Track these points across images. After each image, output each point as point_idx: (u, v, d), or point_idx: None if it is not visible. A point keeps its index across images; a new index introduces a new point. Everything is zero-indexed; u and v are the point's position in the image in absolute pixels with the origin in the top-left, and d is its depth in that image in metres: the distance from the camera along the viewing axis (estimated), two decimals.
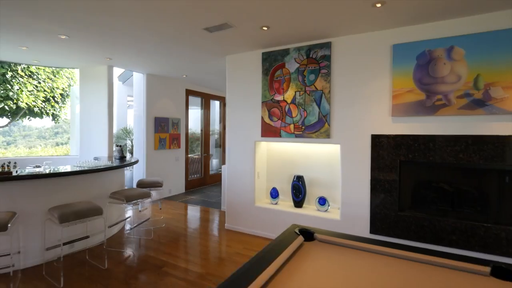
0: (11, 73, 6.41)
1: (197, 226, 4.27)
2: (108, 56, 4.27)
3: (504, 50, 2.52)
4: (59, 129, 17.70)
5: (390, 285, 1.25)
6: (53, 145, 16.18)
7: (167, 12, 2.67)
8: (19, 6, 2.58)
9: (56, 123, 9.29)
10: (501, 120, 2.57)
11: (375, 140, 3.09)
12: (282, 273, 1.35)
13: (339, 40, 3.30)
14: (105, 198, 3.43)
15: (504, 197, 2.66)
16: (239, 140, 4.06)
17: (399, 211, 2.99)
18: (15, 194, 2.73)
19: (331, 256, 1.58)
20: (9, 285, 2.51)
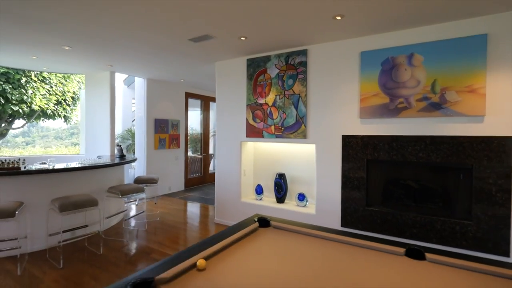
0: (25, 79, 6.97)
1: (188, 220, 4.60)
2: (109, 63, 4.67)
3: (458, 57, 2.72)
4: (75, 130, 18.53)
5: (319, 261, 1.54)
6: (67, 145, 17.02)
7: (156, 25, 3.00)
8: (27, 23, 2.97)
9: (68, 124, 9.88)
10: (455, 122, 2.77)
11: (345, 140, 3.33)
12: (229, 249, 1.66)
13: (314, 48, 3.56)
14: (103, 192, 3.81)
15: (459, 193, 2.85)
16: (227, 140, 4.38)
17: (367, 206, 3.22)
18: (23, 186, 3.14)
19: (277, 238, 1.88)
20: (17, 265, 2.90)
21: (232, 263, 1.52)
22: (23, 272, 2.80)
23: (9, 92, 6.69)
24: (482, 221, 2.66)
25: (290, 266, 1.47)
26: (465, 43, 2.69)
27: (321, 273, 1.42)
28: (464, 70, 2.69)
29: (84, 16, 2.76)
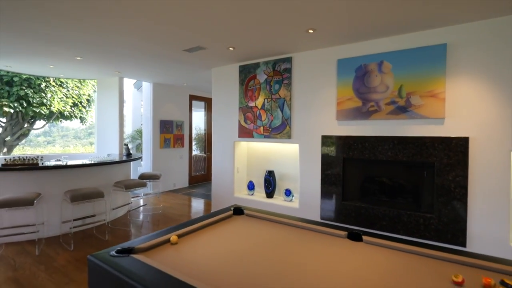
0: (45, 84, 7.62)
1: (187, 213, 5.02)
2: (117, 70, 5.16)
3: (421, 64, 2.98)
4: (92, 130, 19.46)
5: (276, 241, 1.91)
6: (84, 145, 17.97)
7: (154, 37, 3.39)
8: (46, 39, 3.46)
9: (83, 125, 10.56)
10: (419, 124, 3.03)
11: (324, 140, 3.64)
12: (202, 230, 2.05)
13: (298, 55, 3.88)
14: (110, 186, 4.28)
15: (424, 188, 3.11)
16: (221, 140, 4.76)
17: (343, 201, 3.52)
18: (40, 179, 3.64)
19: (245, 223, 2.26)
20: (35, 247, 3.39)
21: (200, 240, 1.90)
22: (40, 253, 3.28)
23: (31, 96, 7.36)
24: (442, 215, 2.91)
25: (248, 244, 1.84)
26: (427, 51, 2.94)
27: (275, 249, 1.78)
28: (426, 76, 2.95)
29: (92, 32, 3.21)
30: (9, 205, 3.06)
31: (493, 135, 2.69)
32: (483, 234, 2.75)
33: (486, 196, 2.73)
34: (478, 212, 2.76)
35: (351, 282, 1.37)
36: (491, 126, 2.70)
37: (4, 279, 2.70)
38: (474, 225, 2.79)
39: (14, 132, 8.46)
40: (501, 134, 2.66)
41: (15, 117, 8.07)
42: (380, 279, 1.41)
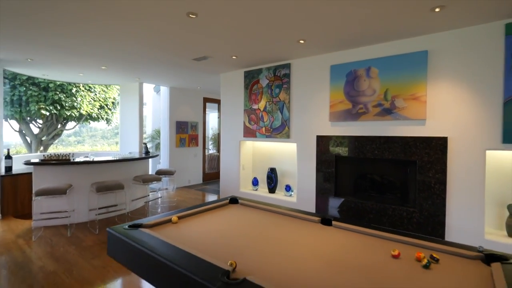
0: (75, 89, 8.45)
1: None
2: (136, 77, 5.74)
3: (404, 69, 3.23)
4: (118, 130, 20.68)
5: (262, 224, 2.30)
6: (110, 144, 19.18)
7: (168, 48, 3.86)
8: (77, 53, 4.05)
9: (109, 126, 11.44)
10: (403, 125, 3.27)
11: (319, 139, 3.95)
12: (200, 214, 2.47)
13: (296, 62, 4.22)
14: (130, 180, 4.84)
15: (408, 184, 3.34)
16: (229, 139, 5.19)
17: (335, 196, 3.81)
18: (71, 173, 4.24)
19: (238, 210, 2.66)
20: (67, 230, 3.99)
21: (197, 221, 2.33)
22: (71, 235, 3.86)
23: (64, 100, 8.21)
24: (423, 209, 3.14)
25: (237, 225, 2.24)
26: (410, 58, 3.18)
27: (259, 229, 2.18)
28: (409, 81, 3.19)
29: (114, 46, 3.74)
30: (47, 194, 3.66)
31: (469, 135, 2.90)
32: (460, 227, 2.96)
33: (463, 192, 2.94)
34: (456, 207, 2.97)
35: (319, 253, 1.74)
36: (467, 127, 2.91)
37: (44, 253, 3.28)
38: (452, 219, 3.00)
39: (49, 132, 9.41)
40: (476, 134, 2.86)
41: (50, 119, 9.00)
42: (341, 252, 1.77)
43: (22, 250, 3.36)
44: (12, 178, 4.76)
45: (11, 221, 4.45)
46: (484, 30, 2.82)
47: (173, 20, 2.82)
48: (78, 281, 2.69)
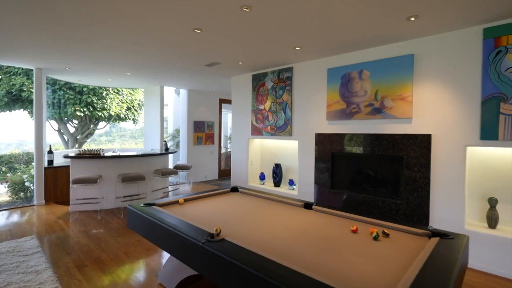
0: (106, 92, 9.34)
1: None
2: (157, 81, 6.37)
3: (392, 72, 3.49)
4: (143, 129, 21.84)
5: (254, 207, 2.74)
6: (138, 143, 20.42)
7: (181, 57, 4.39)
8: (107, 62, 4.70)
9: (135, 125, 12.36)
10: (391, 123, 3.53)
11: (317, 137, 4.28)
12: (203, 199, 2.95)
13: (297, 65, 4.58)
14: (150, 173, 5.44)
15: (396, 178, 3.59)
16: (238, 137, 5.64)
17: (332, 189, 4.13)
18: (101, 165, 4.91)
19: (237, 196, 3.12)
20: (98, 214, 4.64)
21: (201, 203, 2.80)
22: (101, 218, 4.51)
23: (95, 102, 9.12)
24: (410, 201, 3.39)
25: (235, 208, 2.70)
26: (398, 61, 3.44)
27: (254, 210, 2.61)
28: (397, 82, 3.45)
29: (136, 56, 4.33)
30: (81, 182, 4.32)
31: (451, 132, 3.11)
32: (443, 218, 3.18)
33: (445, 185, 3.16)
34: (439, 200, 3.20)
35: (292, 228, 2.16)
36: (449, 125, 3.13)
37: (79, 231, 3.92)
38: (436, 210, 3.23)
39: (83, 131, 10.43)
40: (457, 132, 3.07)
41: (84, 119, 9.99)
42: (310, 227, 2.17)
43: (62, 228, 4.04)
44: (53, 170, 5.54)
45: (53, 206, 5.21)
46: (464, 35, 3.03)
47: (181, 34, 3.31)
48: (105, 252, 3.27)
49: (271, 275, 1.33)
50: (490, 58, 2.84)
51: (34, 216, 4.62)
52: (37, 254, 3.13)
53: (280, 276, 1.32)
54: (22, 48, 3.98)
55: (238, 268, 1.47)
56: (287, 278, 1.31)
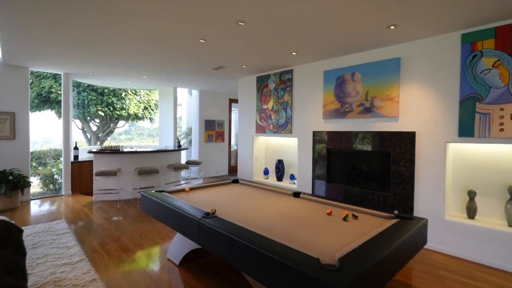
0: (124, 93, 10.02)
1: None
2: (171, 83, 6.88)
3: (381, 74, 3.76)
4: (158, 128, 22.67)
5: (250, 195, 3.15)
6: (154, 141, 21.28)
7: (190, 62, 4.85)
8: (125, 67, 5.24)
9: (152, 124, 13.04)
10: (380, 121, 3.82)
11: (314, 134, 4.61)
12: (207, 187, 3.38)
13: (297, 68, 4.92)
14: (164, 167, 5.96)
15: (384, 173, 3.86)
16: (244, 135, 6.05)
17: (327, 182, 4.45)
18: (120, 160, 5.46)
19: (237, 187, 3.53)
20: (117, 204, 5.20)
21: (204, 191, 3.23)
22: (120, 207, 5.05)
23: (115, 102, 9.81)
24: (396, 194, 3.67)
25: (234, 195, 3.11)
26: (386, 64, 3.72)
27: (250, 198, 3.02)
28: (385, 83, 3.72)
29: (150, 62, 4.83)
30: (103, 174, 4.88)
31: (433, 130, 3.37)
32: (426, 209, 3.44)
33: (428, 179, 3.42)
34: (422, 192, 3.46)
35: (277, 210, 2.54)
36: (431, 123, 3.38)
37: (101, 217, 4.47)
38: (419, 202, 3.49)
39: (104, 130, 11.19)
40: (439, 129, 3.32)
41: (105, 119, 10.74)
42: (292, 210, 2.56)
43: (86, 215, 4.60)
44: (78, 165, 6.17)
45: (78, 196, 5.84)
46: (444, 40, 3.27)
47: (189, 44, 3.75)
48: (124, 234, 3.77)
49: (248, 240, 1.73)
50: (467, 61, 3.08)
51: (62, 204, 5.24)
52: (67, 234, 3.68)
53: (255, 241, 1.71)
54: (53, 56, 4.57)
55: (223, 236, 1.88)
56: (261, 242, 1.69)
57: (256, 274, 1.64)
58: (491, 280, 2.68)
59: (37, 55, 4.50)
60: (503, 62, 2.87)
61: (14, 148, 5.31)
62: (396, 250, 1.73)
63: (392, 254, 1.68)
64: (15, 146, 5.33)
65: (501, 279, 2.70)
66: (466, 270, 2.88)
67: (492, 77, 2.93)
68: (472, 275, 2.78)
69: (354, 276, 1.33)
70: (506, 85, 2.86)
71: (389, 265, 1.66)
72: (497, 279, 2.69)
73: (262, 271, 1.60)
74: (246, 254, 1.70)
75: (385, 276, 1.64)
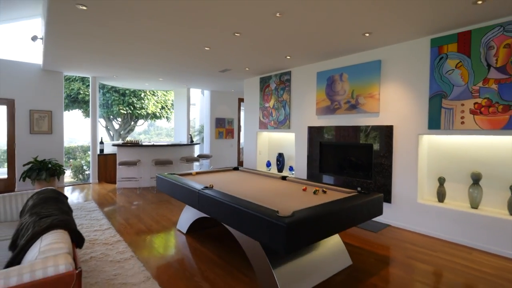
0: (143, 93, 10.91)
1: None
2: (185, 84, 7.60)
3: (364, 74, 4.24)
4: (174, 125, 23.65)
5: (248, 179, 3.78)
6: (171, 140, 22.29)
7: (199, 66, 5.52)
8: (144, 70, 5.98)
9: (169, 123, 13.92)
10: (363, 117, 4.29)
11: (309, 129, 5.13)
12: (211, 172, 4.03)
13: (294, 69, 5.45)
14: (178, 159, 6.67)
15: (368, 163, 4.33)
16: (249, 131, 6.65)
17: (320, 172, 4.96)
18: (140, 152, 6.23)
19: (237, 172, 4.15)
20: (137, 190, 5.95)
21: (207, 175, 3.86)
22: (140, 193, 5.80)
23: (135, 102, 10.71)
24: (377, 181, 4.13)
25: (232, 179, 3.72)
26: (369, 65, 4.19)
27: (246, 180, 3.64)
28: (368, 83, 4.20)
29: (166, 66, 5.53)
30: (125, 164, 5.64)
31: (407, 123, 3.82)
32: (401, 194, 3.89)
33: (403, 167, 3.87)
34: (398, 179, 3.92)
35: (262, 187, 3.13)
36: (406, 117, 3.83)
37: (124, 200, 5.23)
38: (396, 188, 3.95)
39: (125, 128, 12.16)
40: (412, 123, 3.77)
41: (126, 118, 11.69)
42: (274, 187, 3.14)
43: (112, 198, 5.37)
44: (104, 157, 7.01)
45: (103, 184, 6.66)
46: (417, 44, 3.71)
47: (196, 51, 4.39)
48: (143, 212, 4.49)
49: (233, 201, 2.33)
50: (435, 63, 3.52)
51: (90, 190, 6.06)
52: (96, 211, 4.43)
53: (237, 202, 2.31)
54: (84, 63, 5.37)
55: (216, 201, 2.49)
56: (241, 203, 2.29)
57: (239, 226, 2.24)
58: (448, 251, 3.12)
59: (71, 62, 5.32)
60: (464, 63, 3.29)
61: (51, 142, 6.20)
62: (340, 211, 2.26)
63: (334, 212, 2.21)
64: (52, 140, 6.22)
65: (457, 251, 3.14)
66: (430, 244, 3.33)
67: (455, 76, 3.36)
68: (433, 248, 3.23)
69: (295, 220, 1.89)
70: (466, 84, 3.28)
71: (331, 219, 2.19)
72: (453, 251, 3.14)
73: (241, 222, 2.19)
74: (231, 212, 2.30)
75: (329, 227, 2.17)
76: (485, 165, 3.36)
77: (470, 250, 3.18)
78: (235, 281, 2.46)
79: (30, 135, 6.00)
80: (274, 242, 1.91)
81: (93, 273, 2.50)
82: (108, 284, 2.33)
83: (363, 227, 3.88)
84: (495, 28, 3.06)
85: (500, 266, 2.79)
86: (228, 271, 2.64)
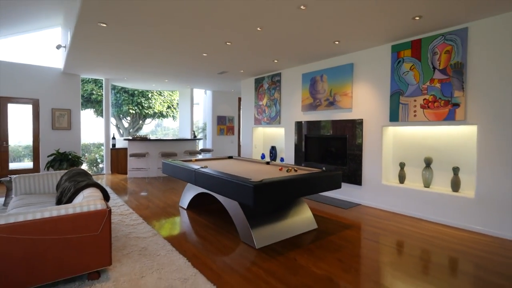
0: (151, 94, 11.73)
1: None
2: (188, 85, 8.37)
3: (340, 76, 4.91)
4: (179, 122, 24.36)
5: (240, 164, 4.52)
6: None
7: (200, 68, 6.26)
8: (151, 73, 6.76)
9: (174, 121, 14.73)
10: (340, 112, 4.97)
11: (296, 124, 5.82)
12: (209, 160, 4.78)
13: (284, 71, 6.15)
14: (182, 152, 7.44)
15: (343, 152, 4.99)
16: (246, 127, 7.37)
17: (305, 161, 5.65)
18: (148, 146, 7.01)
19: (230, 160, 4.90)
20: (145, 179, 6.73)
21: (205, 162, 4.61)
22: (148, 182, 6.57)
23: (143, 102, 11.54)
24: (351, 168, 4.80)
25: (223, 164, 4.47)
26: (343, 68, 4.86)
27: (237, 165, 4.38)
28: (343, 83, 4.87)
29: (171, 69, 6.29)
30: (135, 156, 6.43)
31: (374, 117, 4.48)
32: (370, 178, 4.56)
33: (371, 154, 4.53)
34: (367, 165, 4.58)
35: (251, 169, 3.86)
36: (373, 111, 4.49)
37: (135, 186, 6.01)
38: (365, 173, 4.61)
39: (134, 126, 13.01)
40: (377, 116, 4.43)
41: (134, 116, 12.53)
42: (257, 169, 3.85)
43: (124, 185, 6.16)
44: (116, 151, 7.82)
45: (116, 175, 7.47)
46: (381, 50, 4.37)
47: (195, 56, 5.13)
48: (152, 195, 5.25)
49: (220, 175, 3.05)
50: (395, 65, 4.18)
51: (104, 180, 6.86)
52: (112, 194, 5.20)
53: (223, 175, 3.03)
54: (99, 67, 6.17)
55: (208, 176, 3.21)
56: (226, 175, 3.01)
57: (224, 192, 2.96)
58: (400, 221, 3.79)
59: (88, 66, 6.12)
60: (416, 66, 3.95)
61: (70, 137, 7.03)
62: (300, 180, 2.95)
63: (294, 180, 2.90)
64: (71, 135, 7.05)
65: (408, 221, 3.79)
66: (388, 217, 3.99)
67: (409, 77, 4.02)
68: (389, 219, 3.89)
69: (261, 183, 2.60)
70: (417, 83, 3.94)
71: (292, 186, 2.88)
72: (405, 221, 3.79)
73: (225, 188, 2.92)
74: (218, 182, 3.02)
75: (290, 191, 2.88)
76: (436, 150, 4.01)
77: (419, 220, 3.83)
78: (222, 237, 3.18)
79: (52, 131, 6.83)
80: (246, 199, 2.62)
81: (113, 232, 3.25)
82: (126, 237, 3.08)
83: (336, 204, 4.56)
84: (438, 37, 3.72)
85: (438, 230, 3.45)
86: (218, 231, 3.36)
